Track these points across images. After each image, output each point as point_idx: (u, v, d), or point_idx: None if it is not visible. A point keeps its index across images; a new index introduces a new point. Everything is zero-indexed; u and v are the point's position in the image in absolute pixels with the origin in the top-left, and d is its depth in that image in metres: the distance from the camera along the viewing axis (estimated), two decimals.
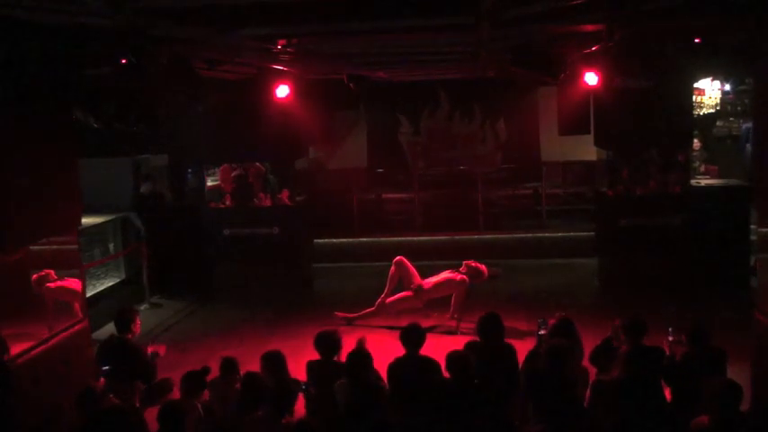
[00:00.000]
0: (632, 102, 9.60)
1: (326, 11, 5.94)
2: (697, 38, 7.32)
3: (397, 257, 9.88)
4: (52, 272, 7.53)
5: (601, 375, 5.96)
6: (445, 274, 9.77)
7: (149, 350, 6.56)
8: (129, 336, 6.66)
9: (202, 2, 5.54)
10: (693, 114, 10.19)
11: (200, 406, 5.59)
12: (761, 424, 4.77)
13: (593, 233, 12.19)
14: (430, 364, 6.03)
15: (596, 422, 5.14)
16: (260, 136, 11.29)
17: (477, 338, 6.44)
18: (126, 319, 6.67)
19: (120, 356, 6.39)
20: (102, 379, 5.92)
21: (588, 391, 5.79)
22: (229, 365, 6.14)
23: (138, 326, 6.81)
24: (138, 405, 5.81)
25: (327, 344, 6.24)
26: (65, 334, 6.76)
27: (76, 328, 6.91)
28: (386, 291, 9.80)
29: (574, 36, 7.43)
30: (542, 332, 6.31)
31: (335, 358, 6.21)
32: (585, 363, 6.25)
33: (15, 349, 6.02)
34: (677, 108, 9.61)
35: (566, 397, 5.18)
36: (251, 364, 6.32)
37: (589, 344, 6.40)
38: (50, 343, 6.51)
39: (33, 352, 6.25)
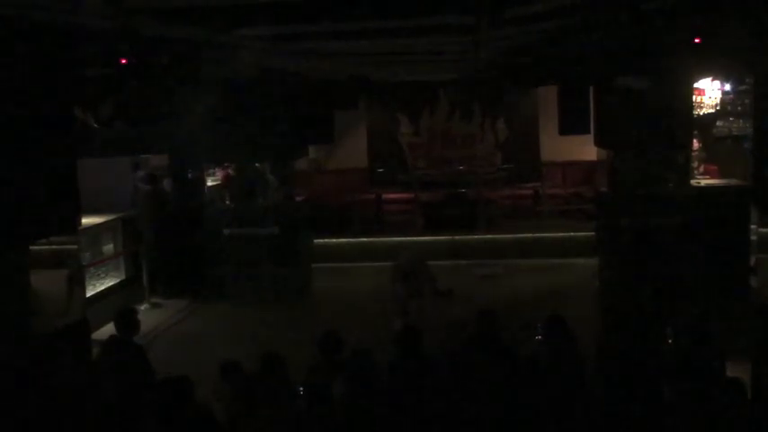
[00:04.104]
0: (632, 102, 9.59)
1: (326, 11, 5.94)
2: (697, 38, 7.31)
3: None
4: None
5: None
6: None
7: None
8: (130, 336, 6.65)
9: (202, 2, 5.54)
10: (693, 114, 10.16)
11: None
12: (760, 423, 4.78)
13: (593, 233, 12.19)
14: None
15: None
16: (260, 136, 11.29)
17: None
18: (126, 320, 6.66)
19: (122, 357, 6.39)
20: None
21: None
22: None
23: (139, 326, 6.81)
24: None
25: (328, 344, 6.24)
26: None
27: None
28: None
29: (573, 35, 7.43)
30: (539, 336, 6.31)
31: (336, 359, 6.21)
32: None
33: None
34: (677, 108, 9.59)
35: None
36: (251, 364, 6.31)
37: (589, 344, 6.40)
38: None
39: None
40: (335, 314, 10.19)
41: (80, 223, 7.38)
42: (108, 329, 8.13)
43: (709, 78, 10.37)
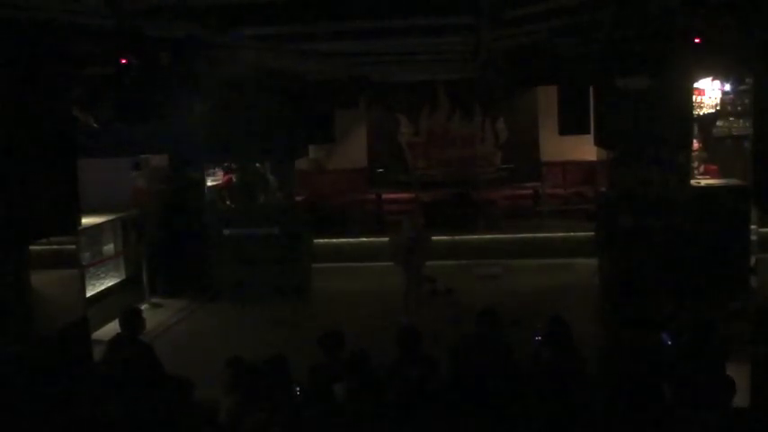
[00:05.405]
0: (632, 102, 9.60)
1: (326, 11, 5.94)
2: (697, 38, 7.32)
3: None
4: None
5: None
6: None
7: None
8: (136, 335, 6.66)
9: (202, 1, 5.55)
10: (693, 114, 10.16)
11: None
12: (759, 421, 4.78)
13: (593, 233, 12.19)
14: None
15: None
16: (260, 136, 11.28)
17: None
18: (134, 318, 6.68)
19: (129, 354, 6.39)
20: None
21: None
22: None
23: (144, 325, 6.83)
24: None
25: (330, 343, 6.23)
26: None
27: None
28: None
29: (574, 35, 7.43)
30: (538, 338, 6.31)
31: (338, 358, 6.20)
32: None
33: None
34: (677, 108, 9.59)
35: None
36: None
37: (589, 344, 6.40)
38: None
39: None
40: (335, 314, 10.19)
41: (80, 223, 7.37)
42: (108, 329, 8.15)
43: (710, 78, 10.37)
